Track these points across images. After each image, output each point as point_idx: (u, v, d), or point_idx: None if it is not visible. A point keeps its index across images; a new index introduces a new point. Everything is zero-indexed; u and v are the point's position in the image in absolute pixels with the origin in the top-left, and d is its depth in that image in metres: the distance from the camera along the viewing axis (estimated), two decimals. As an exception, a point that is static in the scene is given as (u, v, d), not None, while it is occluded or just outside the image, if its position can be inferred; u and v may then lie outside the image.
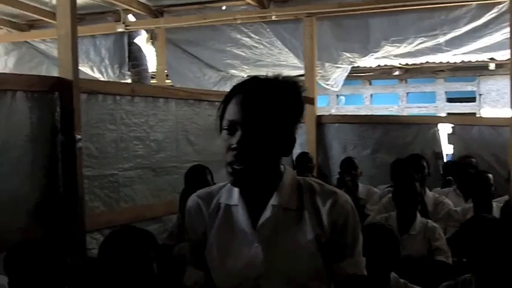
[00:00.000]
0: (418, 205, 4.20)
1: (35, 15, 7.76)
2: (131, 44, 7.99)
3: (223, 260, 1.76)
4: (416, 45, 6.77)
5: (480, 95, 11.04)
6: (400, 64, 10.22)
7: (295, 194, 1.75)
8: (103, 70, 8.04)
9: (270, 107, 1.65)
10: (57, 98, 3.89)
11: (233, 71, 8.36)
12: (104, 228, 4.29)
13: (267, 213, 1.72)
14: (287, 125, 1.70)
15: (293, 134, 1.73)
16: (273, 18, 6.92)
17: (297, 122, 1.74)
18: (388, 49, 6.91)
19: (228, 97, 1.71)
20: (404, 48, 6.85)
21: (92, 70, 7.98)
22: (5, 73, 6.38)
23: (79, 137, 3.89)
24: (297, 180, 1.78)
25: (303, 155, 6.04)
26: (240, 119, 1.65)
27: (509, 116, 3.53)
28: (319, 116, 6.95)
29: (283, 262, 1.70)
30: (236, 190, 1.77)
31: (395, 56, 7.29)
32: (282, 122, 1.67)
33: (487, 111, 10.13)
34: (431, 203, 4.93)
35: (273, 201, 1.72)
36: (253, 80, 1.72)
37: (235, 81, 1.79)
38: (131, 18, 7.74)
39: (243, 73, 8.20)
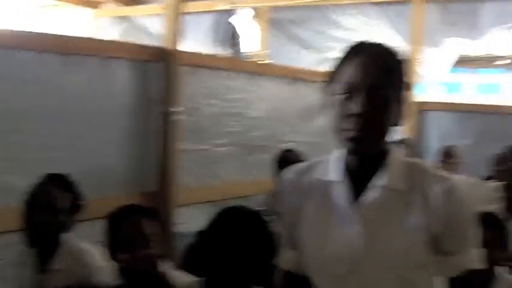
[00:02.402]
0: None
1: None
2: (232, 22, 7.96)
3: (318, 241, 1.64)
4: (527, 33, 6.42)
5: None
6: (507, 53, 9.83)
7: (405, 174, 1.59)
8: (202, 48, 8.07)
9: (392, 70, 1.53)
10: (158, 69, 3.92)
11: (332, 54, 8.20)
12: (192, 203, 4.32)
13: (373, 193, 1.57)
14: (403, 91, 1.57)
15: (404, 103, 1.59)
16: (382, -1, 6.73)
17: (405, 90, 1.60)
18: (496, 36, 6.58)
19: (343, 59, 1.57)
20: (514, 35, 6.50)
21: (191, 48, 8.02)
22: (109, 40, 6.45)
23: (178, 109, 3.88)
24: (407, 159, 1.63)
25: (404, 141, 5.83)
26: (362, 81, 1.51)
27: None
28: (421, 103, 6.71)
29: (384, 248, 1.56)
30: (337, 164, 1.63)
31: (504, 44, 6.95)
32: (400, 87, 1.56)
33: None
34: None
35: (381, 181, 1.57)
36: (371, 43, 1.59)
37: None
38: (235, -4, 7.70)
39: (342, 56, 8.01)
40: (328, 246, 1.61)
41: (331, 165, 1.65)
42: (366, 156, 1.57)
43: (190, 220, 4.19)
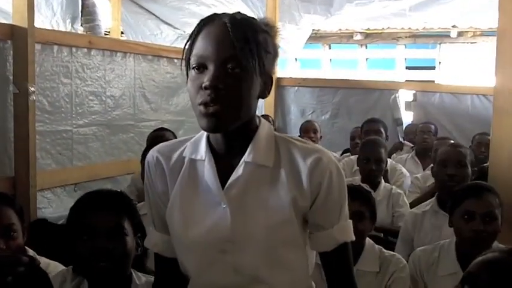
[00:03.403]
0: (382, 170, 4.11)
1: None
2: (89, -3, 7.68)
3: (185, 222, 1.57)
4: (380, 9, 6.68)
5: (440, 62, 11.09)
6: (361, 29, 10.22)
7: (272, 150, 1.55)
8: (54, 25, 7.74)
9: (247, 39, 1.44)
10: (9, 47, 3.69)
11: (190, 30, 8.12)
12: (56, 187, 4.15)
13: (239, 170, 1.52)
14: (263, 61, 1.48)
15: (269, 72, 1.53)
16: (235, -25, 6.73)
17: (273, 59, 1.54)
18: (351, 12, 6.79)
19: (196, 31, 1.49)
20: (368, 11, 6.75)
21: (43, 25, 7.67)
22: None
23: (32, 89, 3.68)
24: (274, 134, 1.60)
25: (264, 118, 5.90)
26: (212, 53, 1.44)
27: (492, 85, 3.49)
28: (279, 79, 6.80)
29: (253, 226, 1.52)
30: (203, 143, 1.58)
31: (358, 19, 7.19)
32: (260, 57, 1.47)
33: (447, 79, 10.20)
34: (388, 170, 4.86)
35: (247, 157, 1.52)
36: (224, 13, 1.50)
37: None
38: (86, -30, 7.42)
39: (200, 32, 7.99)
40: (194, 228, 1.56)
41: (200, 143, 1.59)
42: (230, 133, 1.51)
43: (54, 204, 4.04)
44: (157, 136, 4.32)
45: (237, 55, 1.43)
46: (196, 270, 1.60)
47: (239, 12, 1.51)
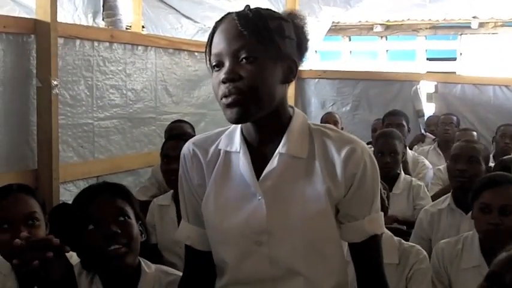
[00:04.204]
0: (398, 162, 4.01)
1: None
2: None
3: (221, 214, 1.59)
4: (400, 0, 6.66)
5: (461, 54, 11.02)
6: (381, 21, 10.20)
7: (306, 141, 1.56)
8: (76, 19, 7.79)
9: (259, 29, 1.46)
10: (33, 41, 3.72)
11: (210, 24, 8.14)
12: (78, 179, 4.17)
13: (273, 162, 1.54)
14: (279, 46, 1.49)
15: (292, 57, 1.53)
16: (255, -33, 6.70)
17: (296, 44, 1.55)
18: (371, 4, 6.76)
19: (212, 32, 1.52)
20: (388, 3, 6.72)
21: (65, 19, 7.72)
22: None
23: (55, 83, 3.72)
24: (308, 124, 1.59)
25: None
26: (224, 48, 1.47)
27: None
28: (299, 71, 6.76)
29: (288, 218, 1.53)
30: (238, 135, 1.59)
31: (378, 11, 7.17)
32: (272, 42, 1.47)
33: (468, 70, 10.12)
34: (410, 162, 4.83)
35: (281, 148, 1.54)
36: (237, 11, 1.52)
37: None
38: (107, -36, 7.46)
39: (220, 26, 7.99)
40: (230, 219, 1.57)
41: (235, 135, 1.61)
42: (261, 123, 1.54)
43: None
44: (175, 128, 4.35)
45: (246, 45, 1.46)
46: (232, 262, 1.61)
47: (248, 6, 1.53)
